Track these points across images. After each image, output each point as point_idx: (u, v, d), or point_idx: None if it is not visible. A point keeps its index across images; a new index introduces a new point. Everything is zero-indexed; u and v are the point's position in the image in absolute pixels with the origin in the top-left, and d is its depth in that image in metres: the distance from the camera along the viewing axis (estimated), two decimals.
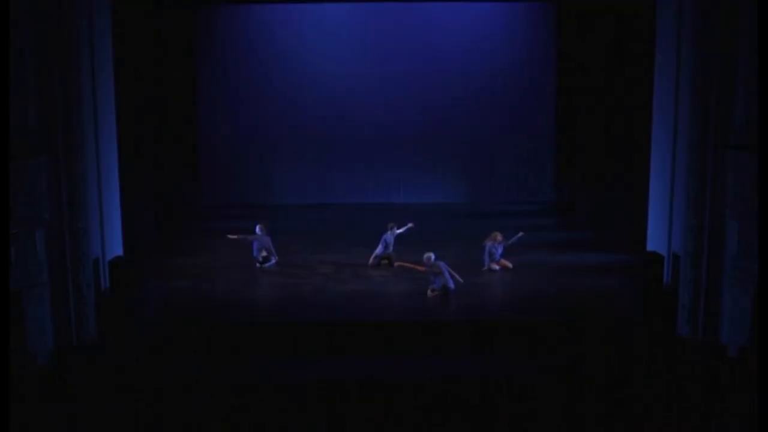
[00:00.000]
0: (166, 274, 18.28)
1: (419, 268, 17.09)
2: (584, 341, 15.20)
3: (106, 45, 16.00)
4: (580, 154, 22.68)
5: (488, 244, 18.18)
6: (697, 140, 15.00)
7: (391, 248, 18.58)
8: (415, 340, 15.41)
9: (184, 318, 16.00)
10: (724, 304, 15.11)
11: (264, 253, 18.73)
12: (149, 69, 20.26)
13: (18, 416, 12.16)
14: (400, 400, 13.31)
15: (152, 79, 20.53)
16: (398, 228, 18.79)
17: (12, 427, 11.35)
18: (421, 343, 15.39)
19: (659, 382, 13.86)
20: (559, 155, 24.19)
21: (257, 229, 18.80)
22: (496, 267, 18.11)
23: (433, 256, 16.93)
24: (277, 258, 18.80)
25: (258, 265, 18.61)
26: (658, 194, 16.54)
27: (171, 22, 21.63)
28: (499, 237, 18.20)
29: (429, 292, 16.82)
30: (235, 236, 18.84)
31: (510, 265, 18.19)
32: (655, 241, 16.62)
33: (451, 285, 16.71)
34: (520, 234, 18.59)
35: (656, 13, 16.45)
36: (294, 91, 24.21)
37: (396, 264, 17.96)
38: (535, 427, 12.71)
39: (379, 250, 18.58)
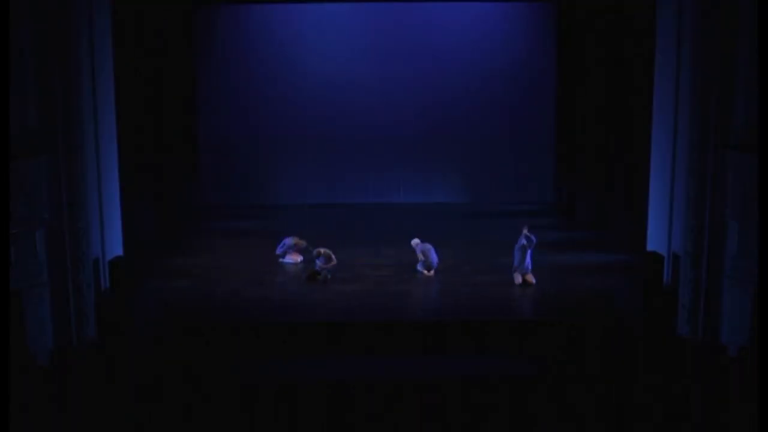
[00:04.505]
0: (166, 274, 18.28)
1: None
2: (584, 341, 15.20)
3: (106, 45, 16.00)
4: (580, 154, 22.66)
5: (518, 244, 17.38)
6: (697, 140, 15.00)
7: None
8: (415, 340, 15.41)
9: (184, 318, 16.00)
10: (724, 304, 15.10)
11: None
12: (149, 69, 20.25)
13: (18, 416, 12.15)
14: (400, 400, 13.31)
15: (152, 79, 20.52)
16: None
17: (12, 426, 11.34)
18: (421, 343, 15.40)
19: (659, 382, 13.85)
20: (559, 155, 24.20)
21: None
22: (520, 279, 17.36)
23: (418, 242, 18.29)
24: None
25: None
26: (658, 194, 16.54)
27: (171, 22, 21.62)
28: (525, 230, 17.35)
29: (426, 273, 17.96)
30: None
31: (533, 280, 17.37)
32: (655, 241, 16.62)
33: (434, 263, 18.01)
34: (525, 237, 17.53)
35: (656, 13, 16.45)
36: (294, 91, 24.19)
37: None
38: (535, 427, 12.71)
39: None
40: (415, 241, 18.32)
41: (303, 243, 18.90)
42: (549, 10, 23.73)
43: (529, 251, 17.31)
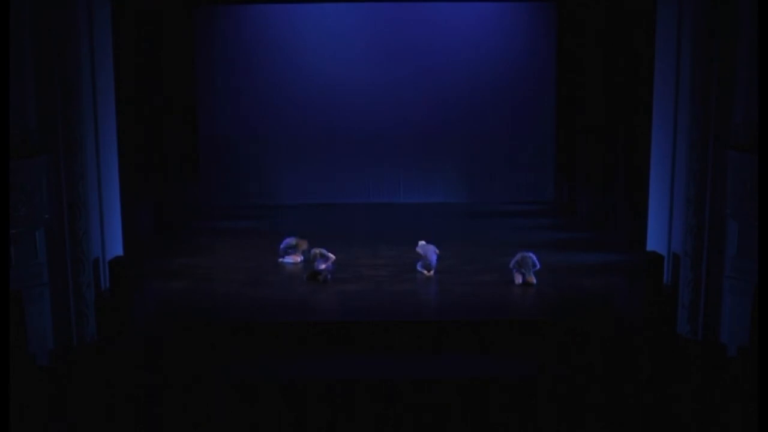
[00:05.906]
0: (166, 274, 18.26)
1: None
2: (584, 341, 15.19)
3: (106, 45, 16.00)
4: (580, 154, 22.68)
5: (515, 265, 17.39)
6: (697, 140, 14.99)
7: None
8: (415, 340, 15.41)
9: (184, 318, 16.00)
10: (724, 304, 15.10)
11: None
12: (149, 69, 20.26)
13: (18, 416, 12.15)
14: (400, 400, 13.30)
15: (152, 78, 20.52)
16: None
17: (12, 427, 11.34)
18: (422, 343, 15.39)
19: (659, 381, 13.85)
20: (559, 155, 24.21)
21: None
22: (520, 279, 17.29)
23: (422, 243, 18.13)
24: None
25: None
26: (658, 194, 16.54)
27: (171, 22, 21.62)
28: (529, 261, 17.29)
29: (426, 273, 17.84)
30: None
31: (534, 280, 17.28)
32: (655, 241, 16.62)
33: (433, 264, 17.86)
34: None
35: (656, 13, 16.45)
36: (294, 90, 24.21)
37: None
38: (535, 427, 12.70)
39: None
40: (421, 243, 18.22)
41: (304, 243, 18.84)
42: (549, 10, 23.74)
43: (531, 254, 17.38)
